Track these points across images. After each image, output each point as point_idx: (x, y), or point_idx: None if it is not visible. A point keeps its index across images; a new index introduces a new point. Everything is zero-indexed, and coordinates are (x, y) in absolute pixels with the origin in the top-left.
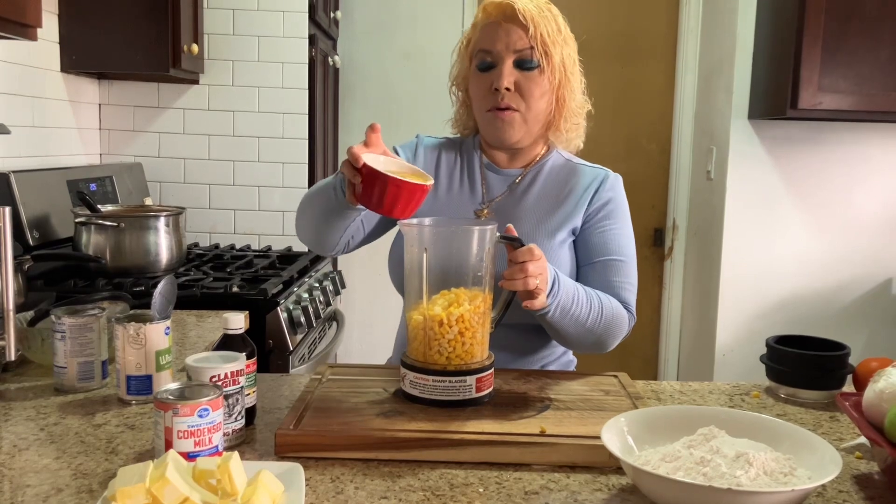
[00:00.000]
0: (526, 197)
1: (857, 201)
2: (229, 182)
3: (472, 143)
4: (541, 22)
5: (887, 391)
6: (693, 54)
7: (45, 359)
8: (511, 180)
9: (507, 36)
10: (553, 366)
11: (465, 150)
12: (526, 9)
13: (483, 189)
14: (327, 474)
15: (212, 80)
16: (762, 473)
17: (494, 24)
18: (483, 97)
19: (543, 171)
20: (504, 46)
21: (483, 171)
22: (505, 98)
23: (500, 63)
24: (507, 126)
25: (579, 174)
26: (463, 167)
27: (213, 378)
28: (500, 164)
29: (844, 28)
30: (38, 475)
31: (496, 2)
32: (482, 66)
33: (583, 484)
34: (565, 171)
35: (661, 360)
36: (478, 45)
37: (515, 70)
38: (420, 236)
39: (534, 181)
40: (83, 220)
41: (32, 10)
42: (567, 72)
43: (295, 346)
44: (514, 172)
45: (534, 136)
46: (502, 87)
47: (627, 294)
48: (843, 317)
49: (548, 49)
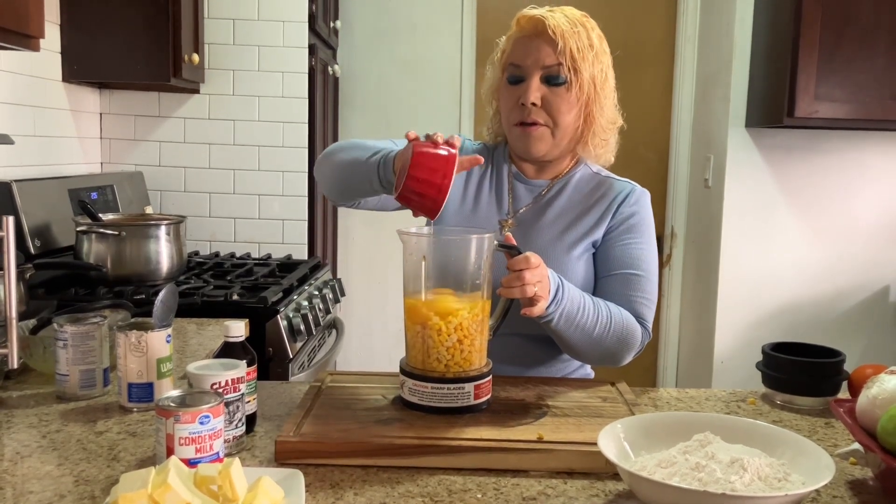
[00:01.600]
0: (550, 209)
1: (853, 209)
2: (229, 191)
3: (503, 151)
4: (571, 38)
5: (880, 397)
6: (690, 63)
7: (47, 367)
8: (538, 191)
9: (537, 51)
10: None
11: (496, 159)
12: (557, 24)
13: (510, 199)
14: (327, 480)
15: (212, 90)
16: (756, 479)
17: (526, 38)
18: (511, 110)
19: (570, 184)
20: (533, 61)
21: (511, 181)
22: (532, 113)
23: (529, 78)
24: (533, 140)
25: (606, 187)
26: (492, 176)
27: (213, 385)
28: (528, 175)
29: (840, 37)
30: (40, 482)
31: (528, 15)
32: (512, 79)
33: (580, 490)
34: (592, 183)
35: (659, 368)
36: (509, 59)
37: (543, 85)
38: (418, 244)
39: (560, 193)
40: (84, 228)
41: (35, 21)
42: (597, 88)
43: (295, 354)
44: (542, 184)
45: (561, 150)
46: (528, 102)
47: (643, 309)
48: (841, 324)
49: (576, 65)
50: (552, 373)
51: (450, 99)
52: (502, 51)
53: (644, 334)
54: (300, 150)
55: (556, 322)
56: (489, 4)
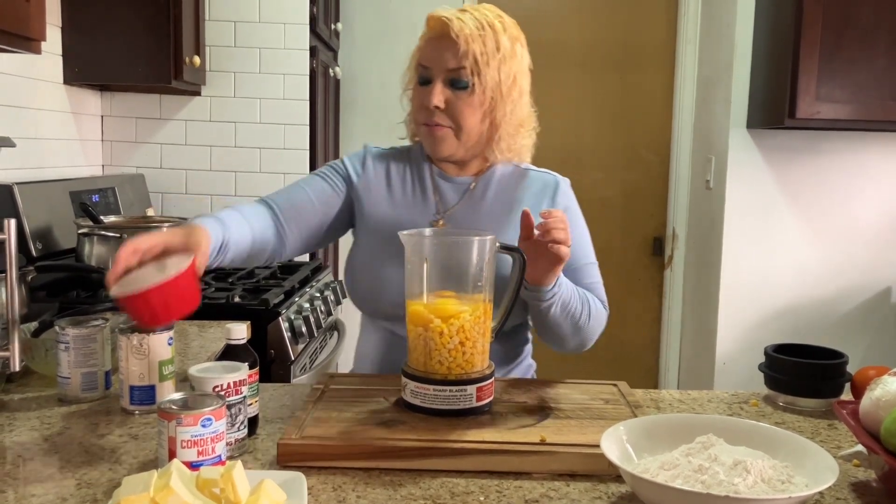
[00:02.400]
0: (481, 205)
1: (855, 210)
2: (231, 193)
3: (419, 150)
4: (475, 42)
5: (884, 399)
6: (692, 64)
7: (49, 369)
8: (464, 188)
9: (442, 53)
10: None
11: (414, 159)
12: (461, 27)
13: (436, 198)
14: (329, 483)
15: (213, 92)
16: (760, 481)
17: (434, 39)
18: (417, 111)
19: (494, 179)
20: (438, 64)
21: (434, 179)
22: (435, 116)
23: (434, 80)
24: (437, 141)
25: (532, 180)
26: (414, 176)
27: (215, 388)
28: (450, 173)
29: (841, 38)
30: (42, 485)
31: (437, 16)
32: (420, 80)
33: (582, 492)
34: (515, 177)
35: (661, 369)
36: (418, 59)
37: (447, 89)
38: (420, 246)
39: (486, 189)
40: (86, 231)
41: (36, 24)
42: (503, 92)
43: (296, 356)
44: (466, 180)
45: (468, 151)
46: (431, 105)
47: (602, 292)
48: (843, 325)
49: (480, 70)
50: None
51: None
52: (417, 48)
53: (607, 317)
54: (301, 153)
55: (554, 308)
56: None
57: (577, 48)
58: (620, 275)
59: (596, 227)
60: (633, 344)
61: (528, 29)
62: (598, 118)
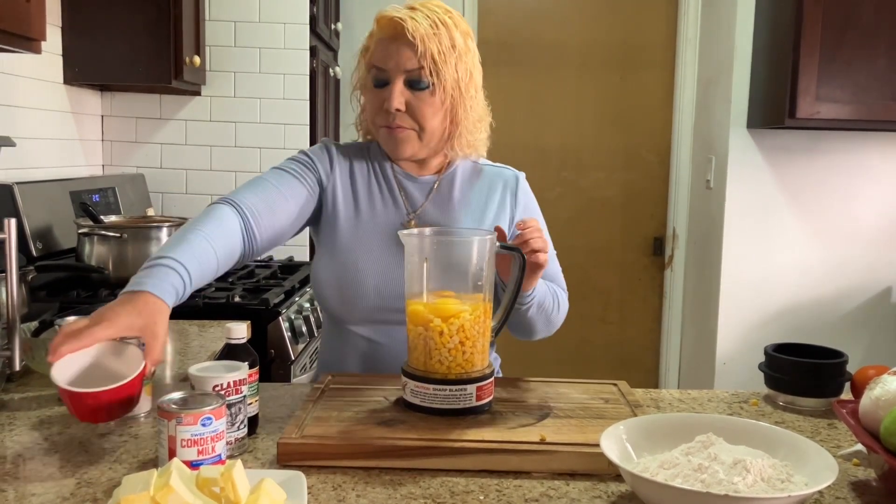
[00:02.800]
0: (450, 204)
1: (855, 210)
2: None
3: (378, 149)
4: (431, 41)
5: (883, 398)
6: (692, 64)
7: (49, 369)
8: (428, 187)
9: (398, 54)
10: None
11: (375, 158)
12: (416, 27)
13: (403, 199)
14: (329, 482)
15: (213, 92)
16: (759, 480)
17: (387, 39)
18: (376, 113)
19: (457, 176)
20: (395, 65)
21: (399, 179)
22: (397, 118)
23: (392, 82)
24: (400, 143)
25: (493, 176)
26: (378, 177)
27: (215, 387)
28: (412, 172)
29: (841, 38)
30: (42, 484)
31: (388, 17)
32: (376, 82)
33: (582, 491)
34: (477, 173)
35: (661, 369)
36: (372, 60)
37: (407, 90)
38: (420, 246)
39: (451, 187)
40: (86, 230)
41: (37, 24)
42: (462, 89)
43: (297, 356)
44: (430, 179)
45: (432, 150)
46: (392, 108)
47: (561, 279)
48: (843, 325)
49: (439, 69)
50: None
51: None
52: (366, 48)
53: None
54: None
55: (532, 309)
56: (490, 6)
57: (577, 49)
58: (621, 275)
59: (596, 227)
60: (633, 344)
61: (527, 29)
62: (598, 118)
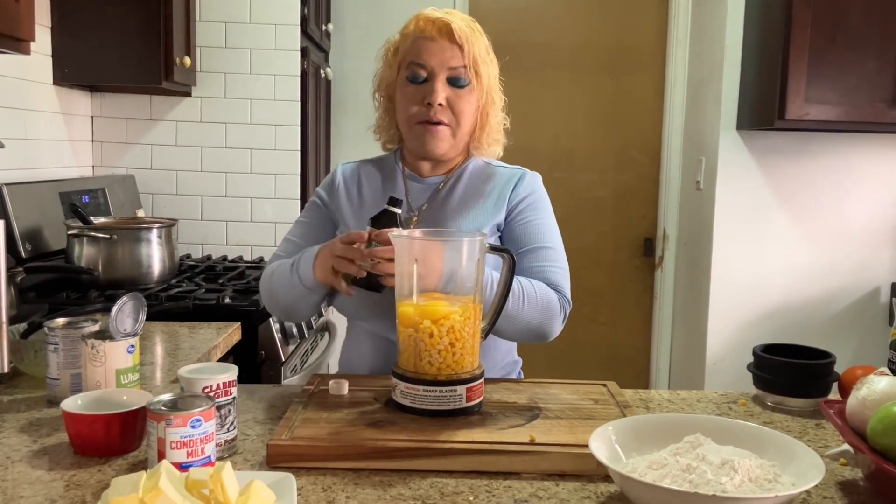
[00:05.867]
0: (449, 201)
1: (844, 211)
2: (221, 193)
3: (391, 158)
4: (474, 43)
5: (870, 398)
6: (682, 66)
7: (38, 371)
8: (433, 187)
9: (442, 52)
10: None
11: (387, 166)
12: (461, 29)
13: (407, 199)
14: (319, 484)
15: (204, 93)
16: (747, 480)
17: (428, 39)
18: (413, 107)
19: (464, 176)
20: (438, 62)
21: (406, 181)
22: (437, 113)
23: (434, 78)
24: (436, 139)
25: (497, 176)
26: (385, 182)
27: (205, 389)
28: (422, 174)
29: (830, 40)
30: (31, 486)
31: (432, 18)
32: (414, 78)
33: (571, 492)
34: (485, 174)
35: (652, 369)
36: (410, 57)
37: (448, 86)
38: (410, 247)
39: (455, 185)
40: (75, 232)
41: (26, 24)
42: (492, 92)
43: (287, 357)
44: (436, 180)
45: (457, 149)
46: (436, 101)
47: (556, 276)
48: (833, 325)
49: (478, 69)
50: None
51: None
52: (396, 47)
53: (563, 301)
54: (292, 153)
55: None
56: (481, 9)
57: (568, 50)
58: (611, 275)
59: (587, 227)
60: (623, 344)
61: (519, 31)
62: (589, 119)
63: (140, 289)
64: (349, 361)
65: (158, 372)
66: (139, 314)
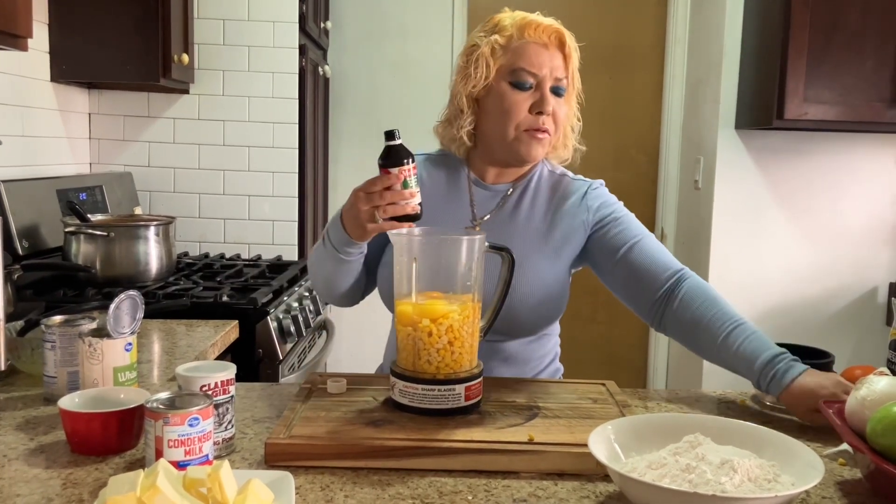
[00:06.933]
0: (517, 213)
1: (842, 210)
2: (219, 191)
3: (457, 159)
4: (576, 56)
5: (869, 399)
6: (680, 65)
7: (35, 368)
8: (500, 196)
9: (552, 61)
10: (543, 374)
11: (452, 165)
12: (570, 40)
13: (472, 206)
14: (317, 483)
15: (202, 90)
16: (746, 480)
17: (540, 46)
18: (519, 116)
19: (531, 186)
20: (548, 71)
21: (471, 186)
22: (546, 122)
23: (542, 86)
24: (539, 146)
25: (565, 186)
26: (449, 183)
27: (203, 387)
28: (488, 180)
29: (828, 40)
30: (28, 485)
31: (543, 25)
32: (521, 85)
33: (570, 491)
34: (552, 183)
35: (650, 369)
36: (518, 64)
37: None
38: (409, 246)
39: (523, 196)
40: (73, 229)
41: (23, 21)
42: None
43: (285, 356)
44: (503, 188)
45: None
46: (548, 111)
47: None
48: (830, 325)
49: (575, 81)
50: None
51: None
52: (493, 48)
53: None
54: (290, 151)
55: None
56: (480, 7)
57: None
58: None
59: None
60: (622, 344)
61: None
62: (587, 118)
63: (137, 286)
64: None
65: (156, 370)
66: (136, 312)
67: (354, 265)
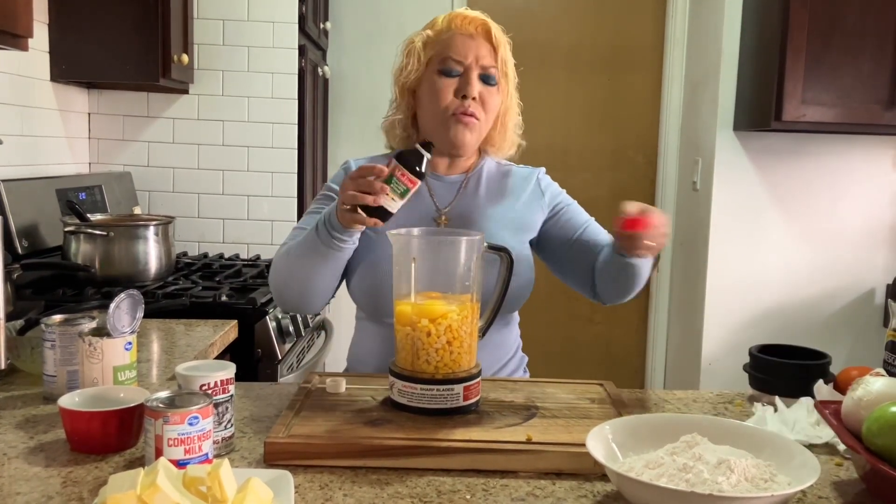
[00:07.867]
0: (476, 198)
1: (840, 212)
2: (218, 191)
3: None
4: (505, 46)
5: (865, 399)
6: (679, 66)
7: (35, 368)
8: (456, 185)
9: (478, 50)
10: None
11: None
12: (497, 30)
13: (432, 198)
14: (316, 482)
15: (201, 90)
16: (743, 479)
17: (466, 36)
18: (446, 100)
19: (483, 175)
20: (474, 59)
21: (427, 180)
22: (471, 106)
23: (468, 73)
24: (467, 130)
25: (514, 173)
26: None
27: (202, 386)
28: (441, 172)
29: (827, 42)
30: (28, 483)
31: (470, 17)
32: (449, 72)
33: (568, 491)
34: (501, 173)
35: (647, 370)
36: (445, 52)
37: (479, 83)
38: (408, 246)
39: (478, 185)
40: (72, 229)
41: (24, 20)
42: (511, 96)
43: (284, 355)
44: (457, 178)
45: (475, 147)
46: (472, 94)
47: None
48: (828, 326)
49: (507, 71)
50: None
51: None
52: (425, 42)
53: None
54: (290, 151)
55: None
56: (479, 7)
57: (565, 50)
58: None
59: None
60: (619, 344)
61: (516, 30)
62: (585, 119)
63: (137, 286)
64: (357, 357)
65: (155, 369)
66: (136, 311)
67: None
